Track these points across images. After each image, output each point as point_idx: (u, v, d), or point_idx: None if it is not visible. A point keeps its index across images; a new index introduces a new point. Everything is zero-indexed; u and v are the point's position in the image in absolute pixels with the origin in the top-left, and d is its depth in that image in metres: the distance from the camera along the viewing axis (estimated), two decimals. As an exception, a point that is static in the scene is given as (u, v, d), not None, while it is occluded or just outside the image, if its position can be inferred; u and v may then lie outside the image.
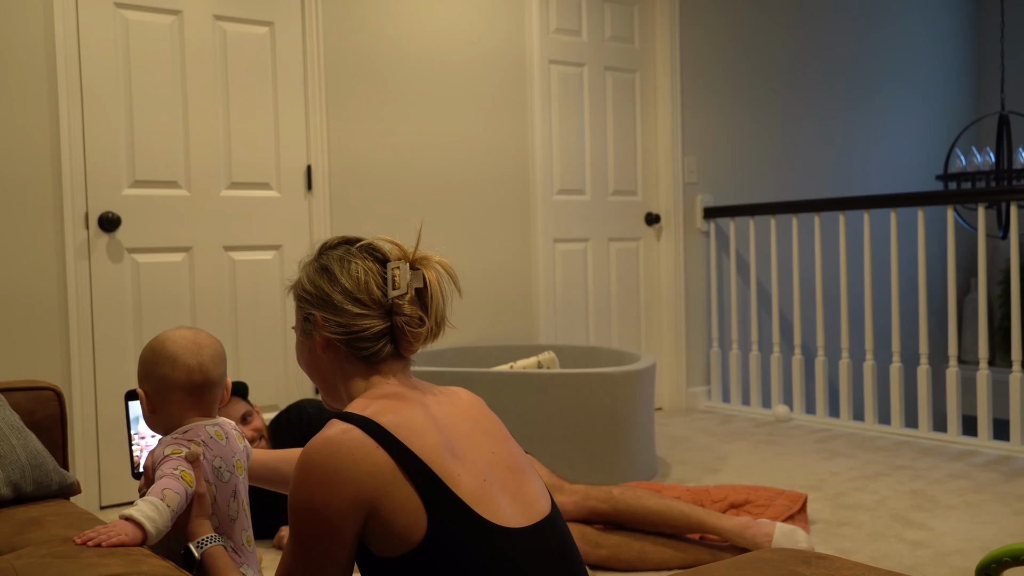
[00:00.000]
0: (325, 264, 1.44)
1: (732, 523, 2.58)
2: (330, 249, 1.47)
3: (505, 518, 1.30)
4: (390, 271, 1.39)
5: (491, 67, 4.33)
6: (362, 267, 1.41)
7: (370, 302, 1.39)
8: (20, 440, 1.86)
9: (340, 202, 3.92)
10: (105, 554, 1.44)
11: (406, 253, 1.42)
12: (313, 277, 1.44)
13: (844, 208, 4.44)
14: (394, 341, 1.41)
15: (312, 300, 1.43)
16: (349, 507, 1.24)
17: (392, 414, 1.31)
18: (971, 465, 3.68)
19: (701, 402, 5.08)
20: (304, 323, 1.45)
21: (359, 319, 1.39)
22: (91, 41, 3.35)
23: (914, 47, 6.20)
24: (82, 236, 3.34)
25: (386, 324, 1.40)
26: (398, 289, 1.38)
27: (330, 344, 1.41)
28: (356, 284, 1.39)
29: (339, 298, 1.39)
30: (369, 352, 1.40)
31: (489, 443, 1.40)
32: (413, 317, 1.39)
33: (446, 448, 1.31)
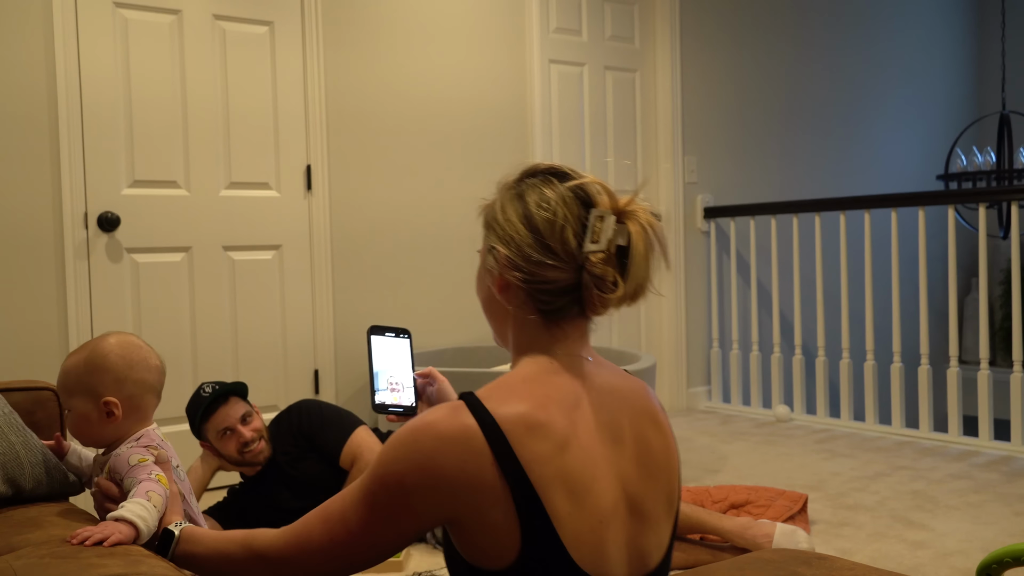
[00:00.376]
0: (521, 193, 1.23)
1: (732, 523, 2.57)
2: (531, 176, 1.26)
3: (607, 568, 1.16)
4: (592, 219, 1.18)
5: (492, 67, 4.33)
6: (562, 208, 1.19)
7: (562, 251, 1.18)
8: (19, 437, 1.85)
9: (340, 202, 3.91)
10: (104, 554, 1.43)
11: (615, 202, 1.20)
12: (508, 206, 1.23)
13: (845, 208, 4.43)
14: (580, 299, 1.21)
15: (499, 232, 1.23)
16: (435, 504, 1.13)
17: (526, 418, 1.13)
18: (972, 465, 3.68)
19: (701, 402, 5.08)
20: (487, 254, 1.25)
21: (545, 269, 1.18)
22: (90, 40, 3.35)
23: (915, 46, 6.19)
24: (81, 236, 3.33)
25: (575, 279, 1.19)
26: (597, 243, 1.17)
27: (510, 286, 1.22)
28: (550, 227, 1.18)
29: (527, 239, 1.19)
30: (550, 307, 1.21)
31: (633, 472, 1.21)
32: (605, 278, 1.17)
33: (571, 474, 1.14)
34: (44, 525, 1.65)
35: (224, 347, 3.65)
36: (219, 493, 3.22)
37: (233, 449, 2.79)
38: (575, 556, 1.12)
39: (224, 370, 3.64)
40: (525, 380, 1.19)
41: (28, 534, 1.59)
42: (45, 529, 1.63)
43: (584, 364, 1.23)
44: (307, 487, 2.84)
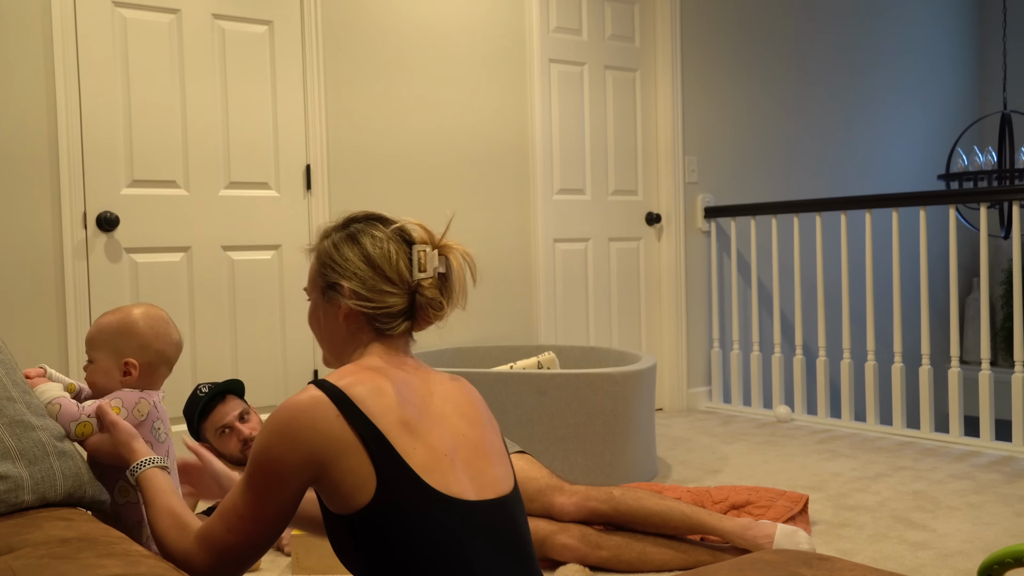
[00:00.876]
0: (355, 235, 1.50)
1: (733, 524, 2.56)
2: (359, 222, 1.52)
3: (458, 491, 1.37)
4: (416, 253, 1.46)
5: (492, 67, 4.32)
6: (393, 246, 1.47)
7: (399, 280, 1.46)
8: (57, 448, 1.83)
9: (339, 202, 3.90)
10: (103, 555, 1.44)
11: (432, 238, 1.49)
12: (343, 247, 1.49)
13: (846, 208, 4.42)
14: (410, 319, 1.49)
15: (340, 270, 1.48)
16: (299, 464, 1.35)
17: (364, 385, 1.39)
18: (973, 466, 3.66)
19: (702, 403, 5.07)
20: (327, 290, 1.50)
21: (387, 296, 1.46)
22: (89, 40, 3.34)
23: (916, 45, 6.18)
24: (80, 236, 3.32)
25: (407, 303, 1.48)
26: (424, 272, 1.46)
27: (352, 314, 1.48)
28: (388, 262, 1.46)
29: (369, 273, 1.46)
30: (388, 327, 1.48)
31: (463, 425, 1.46)
32: (435, 300, 1.48)
33: (409, 421, 1.39)
34: (43, 526, 1.65)
35: (223, 347, 3.64)
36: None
37: (234, 447, 2.78)
38: (425, 478, 1.35)
39: (223, 370, 3.64)
40: (362, 366, 1.44)
41: (27, 535, 1.59)
42: (44, 530, 1.62)
43: (409, 359, 1.51)
44: None
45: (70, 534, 1.58)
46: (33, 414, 1.83)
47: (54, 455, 1.79)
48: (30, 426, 1.80)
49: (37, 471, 1.75)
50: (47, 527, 1.63)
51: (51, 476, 1.77)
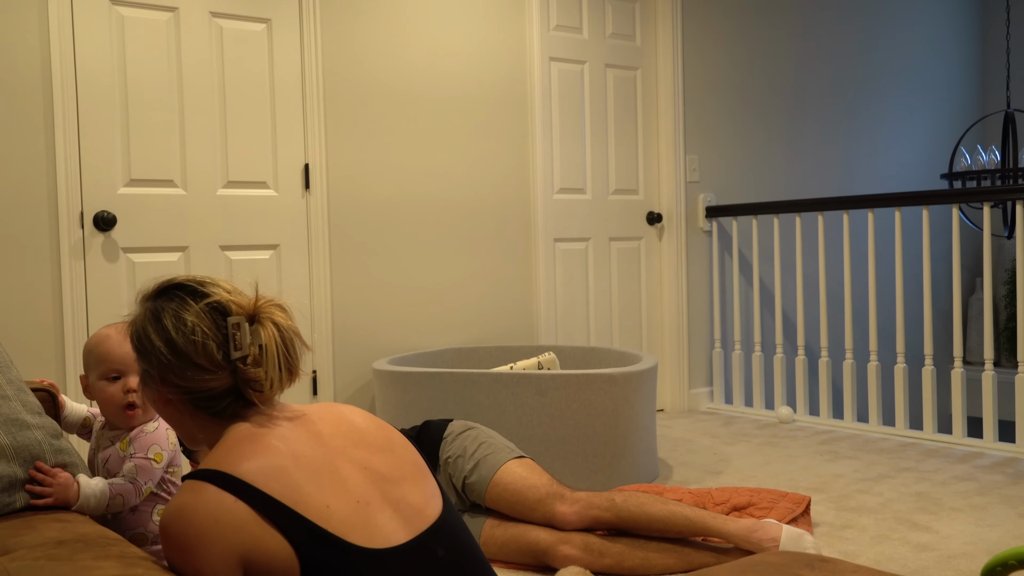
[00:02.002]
0: (159, 317, 1.35)
1: (738, 526, 2.54)
2: (163, 298, 1.38)
3: (386, 536, 1.27)
4: (230, 329, 1.32)
5: (491, 65, 4.30)
6: (199, 326, 1.32)
7: (210, 364, 1.32)
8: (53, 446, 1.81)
9: (338, 201, 3.88)
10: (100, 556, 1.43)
11: (246, 308, 1.34)
12: (148, 329, 1.36)
13: (848, 207, 4.40)
14: (239, 397, 1.35)
15: (149, 357, 1.36)
16: (222, 566, 1.21)
17: (248, 460, 1.25)
18: (976, 467, 3.65)
19: (703, 403, 5.05)
20: (145, 376, 1.40)
21: (200, 382, 1.32)
22: (86, 38, 3.32)
23: (919, 44, 6.17)
24: (77, 235, 3.31)
25: (231, 382, 1.33)
26: (240, 350, 1.32)
27: (171, 401, 1.37)
28: (193, 347, 1.32)
29: (175, 361, 1.33)
30: (215, 409, 1.34)
31: (364, 455, 1.35)
32: (257, 380, 1.33)
33: (310, 481, 1.27)
34: (39, 527, 1.64)
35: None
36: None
37: None
38: (350, 539, 1.23)
39: (221, 371, 3.61)
40: (229, 442, 1.30)
41: (23, 536, 1.58)
42: (40, 531, 1.61)
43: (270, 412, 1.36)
44: None
45: (66, 536, 1.56)
46: (28, 412, 1.81)
47: (50, 453, 1.77)
48: (25, 424, 1.78)
49: None
50: (43, 528, 1.62)
51: None
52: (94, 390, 1.91)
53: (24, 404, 1.83)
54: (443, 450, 2.79)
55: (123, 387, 1.88)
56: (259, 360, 1.32)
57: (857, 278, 5.57)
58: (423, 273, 4.14)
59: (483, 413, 3.30)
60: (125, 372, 1.89)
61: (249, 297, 1.36)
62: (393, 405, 3.54)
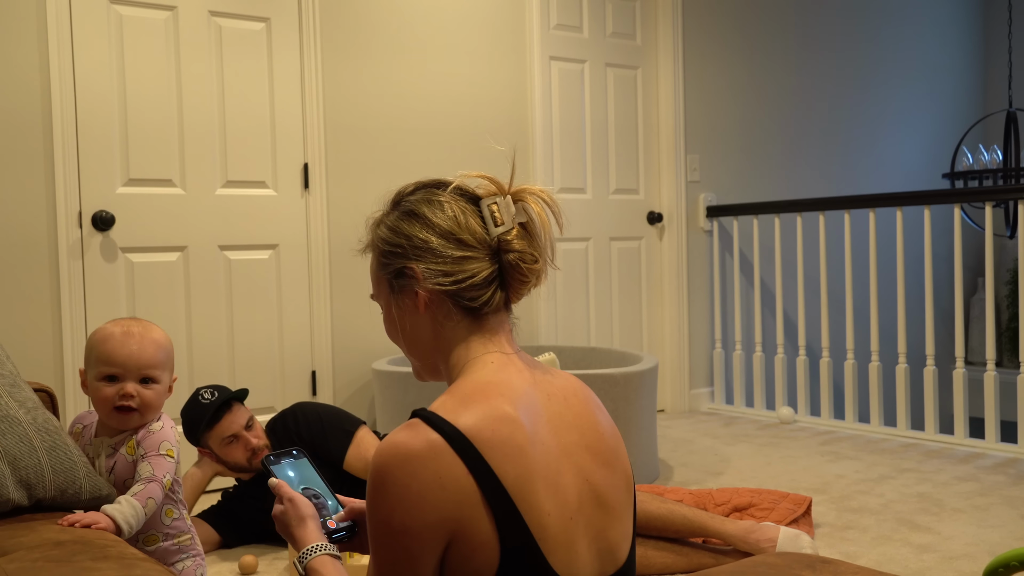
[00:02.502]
0: (411, 209, 1.25)
1: (736, 527, 2.54)
2: (409, 195, 1.29)
3: (578, 568, 1.14)
4: (486, 208, 1.22)
5: (491, 64, 4.29)
6: (457, 207, 1.23)
7: (475, 242, 1.21)
8: (45, 441, 1.79)
9: (337, 201, 3.87)
10: (98, 558, 1.44)
11: (501, 187, 1.24)
12: (399, 226, 1.25)
13: (849, 207, 4.40)
14: (503, 287, 1.23)
15: (405, 251, 1.23)
16: (431, 535, 1.09)
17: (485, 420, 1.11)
18: (978, 468, 3.64)
19: (704, 404, 5.04)
20: (396, 281, 1.25)
21: (466, 263, 1.20)
22: (84, 37, 3.31)
23: (921, 43, 6.15)
24: (75, 235, 3.30)
25: (494, 267, 1.22)
26: (502, 225, 1.21)
27: (433, 299, 1.22)
28: (456, 223, 1.21)
29: (439, 241, 1.21)
30: (479, 301, 1.21)
31: (590, 464, 1.19)
32: (525, 252, 1.21)
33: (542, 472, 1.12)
34: (37, 529, 1.64)
35: (220, 348, 3.61)
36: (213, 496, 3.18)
37: (241, 456, 2.75)
38: (551, 560, 1.10)
39: (220, 372, 3.61)
40: (474, 386, 1.17)
41: (21, 537, 1.58)
42: (38, 533, 1.61)
43: (520, 360, 1.24)
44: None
45: (64, 537, 1.57)
46: (20, 408, 1.79)
47: (42, 450, 1.75)
48: (15, 420, 1.76)
49: (22, 467, 1.71)
50: (41, 530, 1.62)
51: (39, 471, 1.74)
52: (90, 388, 1.87)
53: (16, 399, 1.82)
54: None
55: (118, 391, 1.82)
56: (524, 235, 1.22)
57: (858, 278, 5.56)
58: (423, 273, 4.11)
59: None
60: (124, 376, 1.83)
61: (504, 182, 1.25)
62: (393, 405, 3.52)
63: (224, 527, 2.86)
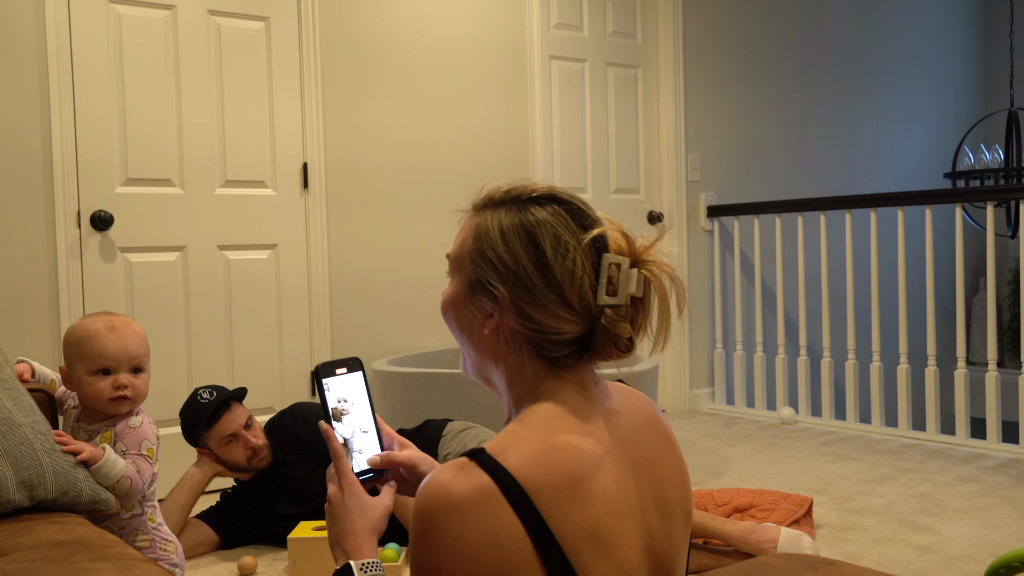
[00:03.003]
0: (532, 231, 1.08)
1: (736, 528, 2.54)
2: (536, 204, 1.11)
3: None
4: (607, 267, 1.07)
5: (491, 62, 4.28)
6: (581, 258, 1.07)
7: (579, 306, 1.07)
8: (45, 444, 1.79)
9: (337, 201, 3.86)
10: (97, 559, 1.44)
11: (632, 248, 1.09)
12: (512, 239, 1.09)
13: (850, 207, 4.39)
14: (587, 349, 1.09)
15: (505, 272, 1.08)
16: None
17: (544, 468, 1.01)
18: (980, 468, 3.63)
19: (704, 404, 5.03)
20: (478, 287, 1.11)
21: (557, 321, 1.07)
22: (83, 37, 3.31)
23: (922, 42, 6.14)
24: (74, 235, 3.29)
25: (585, 330, 1.08)
26: (614, 296, 1.07)
27: (506, 331, 1.09)
28: (571, 280, 1.06)
29: (543, 289, 1.06)
30: (556, 355, 1.09)
31: (654, 519, 1.10)
32: (622, 336, 1.07)
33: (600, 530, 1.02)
34: (36, 530, 1.64)
35: (219, 348, 3.60)
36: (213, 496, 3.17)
37: (240, 456, 2.75)
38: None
39: (219, 372, 3.59)
40: (539, 427, 1.05)
41: (20, 538, 1.58)
42: (37, 533, 1.61)
43: (595, 395, 1.12)
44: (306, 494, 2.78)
45: (63, 537, 1.57)
46: (20, 411, 1.79)
47: (43, 452, 1.75)
48: (16, 423, 1.76)
49: (24, 469, 1.71)
50: (40, 530, 1.61)
51: (40, 474, 1.73)
52: (79, 384, 1.89)
53: (16, 402, 1.81)
54: (442, 447, 2.78)
55: (113, 383, 1.87)
56: (629, 314, 1.07)
57: (859, 278, 5.54)
58: (422, 273, 4.11)
59: (483, 414, 3.28)
60: (116, 368, 1.88)
61: (640, 242, 1.11)
62: (393, 406, 3.51)
63: (223, 528, 2.85)
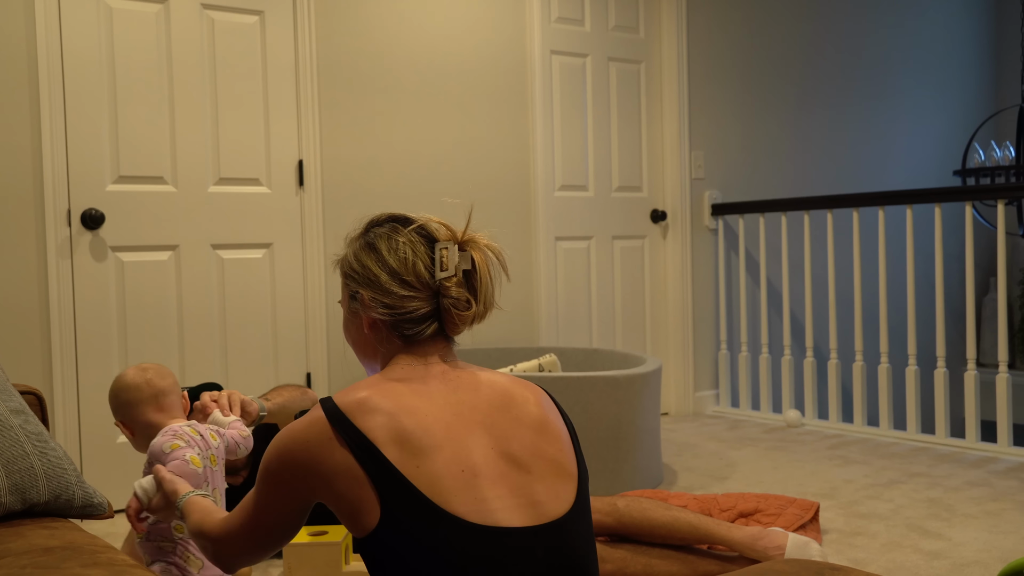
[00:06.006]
0: (372, 242, 1.45)
1: (742, 534, 2.54)
2: (377, 226, 1.48)
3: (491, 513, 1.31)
4: (438, 252, 1.41)
5: (491, 58, 4.24)
6: (409, 247, 1.42)
7: (417, 283, 1.40)
8: (37, 447, 1.77)
9: (333, 199, 3.82)
10: (88, 564, 1.45)
11: (455, 234, 1.44)
12: (360, 255, 1.45)
13: (858, 205, 4.37)
14: (440, 322, 1.43)
15: (359, 279, 1.44)
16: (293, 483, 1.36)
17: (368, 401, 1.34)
18: (990, 472, 3.61)
19: (709, 407, 4.99)
20: (351, 301, 1.47)
21: (406, 301, 1.40)
22: (73, 31, 3.27)
23: (932, 38, 6.11)
24: (64, 234, 3.25)
25: (432, 306, 1.41)
26: (446, 271, 1.40)
27: (376, 323, 1.43)
28: (403, 264, 1.41)
29: (386, 279, 1.41)
30: (412, 332, 1.42)
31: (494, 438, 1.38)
32: (460, 299, 1.40)
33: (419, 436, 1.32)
34: (26, 535, 1.63)
35: (213, 349, 3.56)
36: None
37: None
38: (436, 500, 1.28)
39: (213, 373, 3.55)
40: (378, 379, 1.40)
41: (10, 543, 1.58)
42: (27, 539, 1.62)
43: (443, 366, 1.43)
44: None
45: (53, 543, 1.56)
46: (12, 412, 1.76)
47: (35, 455, 1.73)
48: (7, 425, 1.74)
49: (16, 470, 1.69)
50: (30, 536, 1.61)
51: (32, 476, 1.73)
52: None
53: (8, 404, 1.80)
54: None
55: None
56: (463, 283, 1.41)
57: (867, 278, 5.52)
58: (421, 272, 4.07)
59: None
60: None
61: (459, 229, 1.45)
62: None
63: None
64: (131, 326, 3.39)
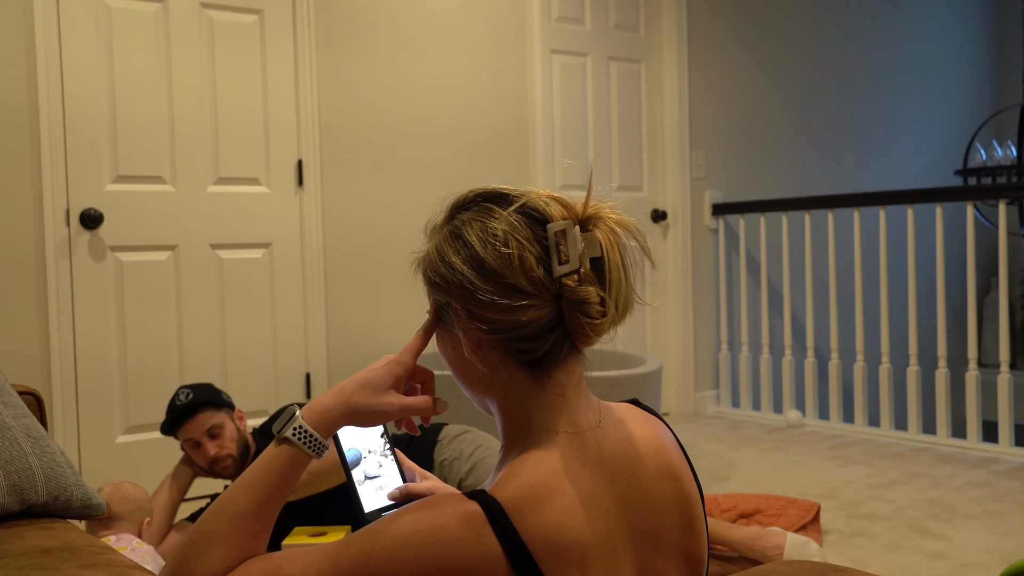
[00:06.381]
0: (461, 234, 1.04)
1: (742, 534, 2.54)
2: (463, 209, 1.08)
3: None
4: (551, 237, 1.00)
5: (491, 57, 4.23)
6: (512, 236, 1.01)
7: (529, 286, 1.00)
8: (35, 448, 1.77)
9: (332, 198, 3.81)
10: (86, 565, 1.41)
11: (572, 210, 1.02)
12: (447, 252, 1.05)
13: (859, 204, 4.37)
14: (567, 333, 1.03)
15: (447, 285, 1.05)
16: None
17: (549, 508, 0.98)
18: (992, 473, 3.60)
19: (709, 407, 4.98)
20: (441, 314, 1.09)
21: (516, 312, 1.00)
22: (72, 30, 3.26)
23: (933, 37, 6.10)
24: (63, 233, 3.25)
25: (555, 312, 1.01)
26: (567, 263, 0.99)
27: (480, 344, 1.04)
28: (507, 263, 1.00)
29: (483, 284, 1.01)
30: (536, 355, 1.03)
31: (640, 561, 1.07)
32: (590, 301, 0.99)
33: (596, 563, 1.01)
34: (24, 536, 1.63)
35: (212, 349, 3.55)
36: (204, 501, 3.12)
37: (202, 461, 2.71)
38: None
39: (212, 373, 3.54)
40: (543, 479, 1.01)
41: (7, 544, 1.56)
42: (25, 540, 1.61)
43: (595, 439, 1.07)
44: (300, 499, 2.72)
45: (52, 544, 1.55)
46: (10, 413, 1.76)
47: (33, 455, 1.72)
48: (5, 426, 1.74)
49: (14, 471, 1.69)
50: (28, 537, 1.60)
51: (31, 477, 1.72)
52: None
53: (6, 404, 1.79)
54: (438, 452, 2.75)
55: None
56: (592, 277, 1.00)
57: (868, 278, 5.50)
58: (421, 272, 4.06)
59: (481, 417, 3.22)
60: None
61: (578, 202, 1.03)
62: (388, 408, 3.46)
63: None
64: (130, 326, 3.38)
